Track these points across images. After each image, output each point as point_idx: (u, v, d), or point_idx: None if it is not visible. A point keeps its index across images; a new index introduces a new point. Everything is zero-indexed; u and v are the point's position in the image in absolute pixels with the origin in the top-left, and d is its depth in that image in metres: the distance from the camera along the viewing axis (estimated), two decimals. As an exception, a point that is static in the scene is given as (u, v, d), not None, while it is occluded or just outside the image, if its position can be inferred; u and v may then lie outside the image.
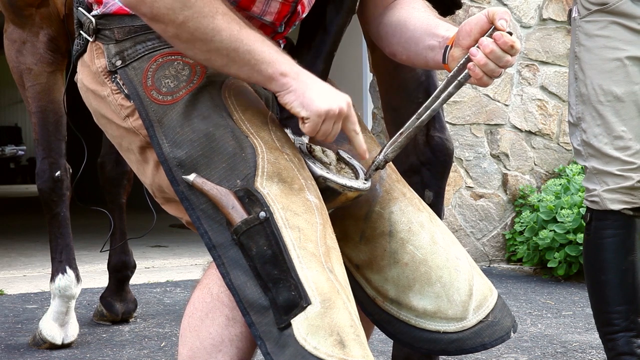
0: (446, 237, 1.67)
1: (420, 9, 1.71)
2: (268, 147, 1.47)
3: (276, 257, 1.39)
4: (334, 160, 1.61)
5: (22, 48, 3.18)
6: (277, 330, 1.37)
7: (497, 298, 1.68)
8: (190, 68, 1.52)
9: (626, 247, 2.45)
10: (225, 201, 1.43)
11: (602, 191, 2.43)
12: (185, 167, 1.46)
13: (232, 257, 1.42)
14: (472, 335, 1.63)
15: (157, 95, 1.51)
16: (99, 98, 1.60)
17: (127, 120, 1.56)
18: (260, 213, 1.41)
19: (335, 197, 1.54)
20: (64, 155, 3.24)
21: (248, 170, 1.44)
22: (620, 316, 2.44)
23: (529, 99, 5.49)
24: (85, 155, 2.50)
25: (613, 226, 2.45)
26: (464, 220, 5.33)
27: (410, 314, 1.63)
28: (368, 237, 1.65)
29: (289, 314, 1.37)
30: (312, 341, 1.35)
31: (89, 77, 1.62)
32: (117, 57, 1.56)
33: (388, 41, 1.73)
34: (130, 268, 3.63)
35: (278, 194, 1.43)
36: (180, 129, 1.48)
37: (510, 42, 1.49)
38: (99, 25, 1.58)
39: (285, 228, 1.41)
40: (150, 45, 1.55)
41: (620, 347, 2.44)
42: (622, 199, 2.42)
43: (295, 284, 1.37)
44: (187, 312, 1.50)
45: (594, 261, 2.50)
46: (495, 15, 1.51)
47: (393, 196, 1.67)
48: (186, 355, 1.49)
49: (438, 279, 1.62)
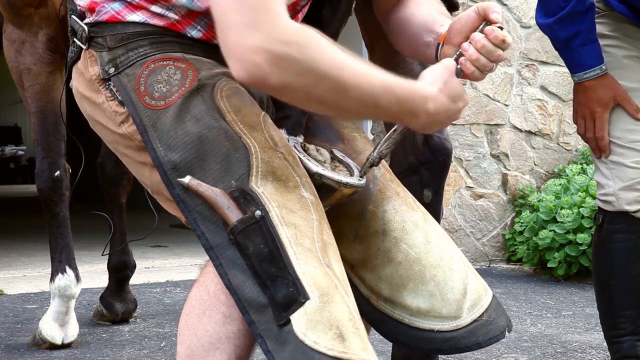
0: (440, 237, 1.67)
1: (425, 4, 1.72)
2: (261, 146, 1.47)
3: (273, 254, 1.40)
4: (328, 158, 1.61)
5: (21, 48, 3.18)
6: (277, 327, 1.38)
7: (492, 298, 1.68)
8: (182, 72, 1.53)
9: (637, 253, 2.39)
10: (221, 202, 1.43)
11: (619, 189, 2.34)
12: (180, 170, 1.46)
13: (230, 257, 1.42)
14: (466, 334, 1.63)
15: (150, 100, 1.52)
16: (93, 105, 1.62)
17: (122, 127, 1.57)
18: (255, 212, 1.41)
19: (331, 193, 1.55)
20: (63, 155, 3.24)
21: (242, 171, 1.45)
22: (627, 320, 2.40)
23: (529, 99, 5.49)
24: (83, 158, 2.50)
25: (625, 230, 2.38)
26: (464, 220, 5.33)
27: (404, 313, 1.63)
28: (362, 236, 1.65)
29: (287, 310, 1.37)
30: (312, 336, 1.35)
31: (83, 84, 1.63)
32: (110, 65, 1.57)
33: (395, 37, 1.77)
34: (130, 268, 3.63)
35: (273, 192, 1.44)
36: (174, 133, 1.48)
37: (502, 36, 1.51)
38: (92, 33, 1.60)
39: (281, 225, 1.41)
40: (142, 51, 1.56)
41: (625, 350, 2.42)
42: (638, 199, 2.33)
43: (293, 280, 1.38)
44: (184, 310, 1.51)
45: (603, 264, 2.44)
46: (487, 10, 1.54)
47: (387, 195, 1.67)
48: (184, 353, 1.49)
49: (432, 278, 1.62)
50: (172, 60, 1.54)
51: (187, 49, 1.56)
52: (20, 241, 6.65)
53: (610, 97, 2.31)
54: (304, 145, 1.61)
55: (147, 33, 1.57)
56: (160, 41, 1.57)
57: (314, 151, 1.61)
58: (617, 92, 2.32)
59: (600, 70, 2.32)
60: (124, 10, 1.58)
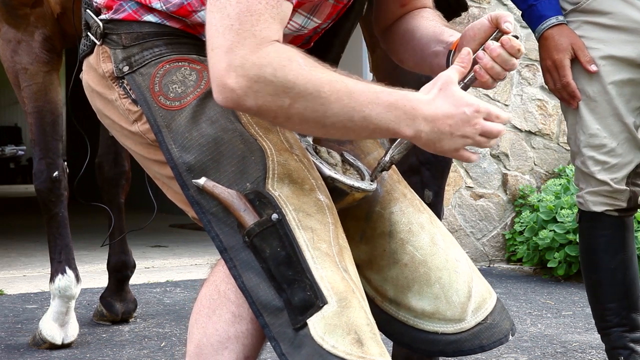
0: (446, 239, 1.67)
1: (429, 18, 1.73)
2: (277, 149, 1.48)
3: (290, 258, 1.41)
4: (339, 161, 1.61)
5: (18, 48, 3.17)
6: (292, 330, 1.39)
7: (496, 301, 1.68)
8: (198, 73, 1.54)
9: (615, 247, 2.47)
10: (237, 204, 1.44)
11: (585, 193, 2.45)
12: (194, 172, 1.47)
13: (244, 259, 1.43)
14: (470, 337, 1.63)
15: (165, 100, 1.53)
16: (105, 100, 1.62)
17: (134, 125, 1.58)
18: (272, 215, 1.42)
19: (343, 197, 1.55)
20: (61, 155, 3.24)
21: (258, 173, 1.45)
22: (613, 312, 2.49)
23: (529, 99, 5.49)
24: (89, 152, 2.50)
25: (601, 227, 2.47)
26: (464, 220, 5.33)
27: (409, 315, 1.63)
28: (368, 237, 1.65)
29: (304, 314, 1.38)
30: (330, 340, 1.36)
31: (95, 79, 1.64)
32: (125, 63, 1.57)
33: (396, 49, 1.76)
34: (130, 268, 3.63)
35: (289, 195, 1.44)
36: (189, 134, 1.49)
37: (517, 45, 1.50)
38: (107, 29, 1.60)
39: (298, 229, 1.42)
40: (158, 51, 1.56)
41: (614, 341, 2.50)
42: (603, 201, 2.43)
43: (311, 284, 1.39)
44: (194, 309, 1.52)
45: (587, 260, 2.55)
46: (500, 18, 1.53)
47: (394, 197, 1.68)
48: (193, 351, 1.50)
49: (437, 280, 1.62)
50: (188, 61, 1.55)
51: (202, 51, 1.55)
52: (20, 241, 6.64)
53: (567, 44, 2.37)
54: (315, 148, 1.61)
55: (162, 33, 1.58)
56: (176, 42, 1.58)
57: (325, 153, 1.61)
58: (574, 41, 2.37)
59: (556, 20, 2.40)
60: (141, 10, 1.58)
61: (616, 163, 2.40)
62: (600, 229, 2.47)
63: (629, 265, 2.49)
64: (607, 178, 2.40)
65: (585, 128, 2.40)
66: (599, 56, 2.36)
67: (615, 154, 2.39)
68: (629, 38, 2.35)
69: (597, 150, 2.40)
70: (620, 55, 2.35)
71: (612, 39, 2.36)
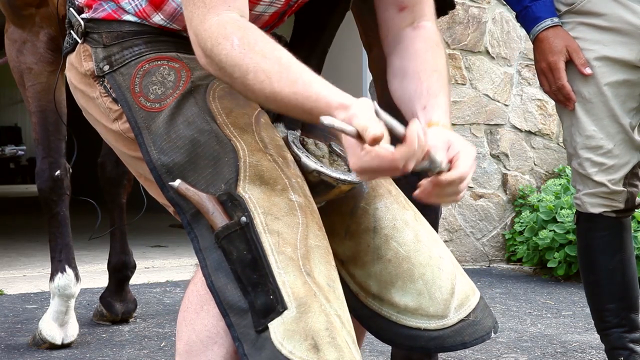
0: (430, 236, 1.67)
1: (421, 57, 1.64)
2: (250, 149, 1.48)
3: (256, 261, 1.41)
4: (326, 153, 1.61)
5: (23, 48, 3.18)
6: (255, 332, 1.40)
7: (479, 298, 1.68)
8: (176, 73, 1.55)
9: (613, 248, 2.48)
10: (207, 206, 1.45)
11: (583, 194, 2.44)
12: (173, 174, 1.48)
13: (215, 259, 1.44)
14: (452, 333, 1.63)
15: (145, 102, 1.54)
16: (87, 98, 1.64)
17: (115, 123, 1.59)
18: (241, 218, 1.43)
19: (329, 190, 1.55)
20: (63, 155, 3.25)
21: (231, 175, 1.46)
22: (611, 313, 2.50)
23: (529, 99, 5.49)
24: (75, 150, 2.50)
25: (599, 228, 2.47)
26: (464, 220, 5.33)
27: (392, 310, 1.63)
28: (353, 232, 1.65)
29: (266, 317, 1.39)
30: (288, 345, 1.37)
31: (77, 77, 1.66)
32: (105, 62, 1.59)
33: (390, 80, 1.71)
34: (130, 268, 3.63)
35: (260, 197, 1.45)
36: (167, 136, 1.50)
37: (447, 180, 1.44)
38: (88, 28, 1.62)
39: (264, 233, 1.43)
40: (137, 50, 1.58)
41: (613, 341, 2.51)
42: (601, 203, 2.43)
43: (273, 288, 1.40)
44: (182, 306, 1.52)
45: (585, 262, 2.55)
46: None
47: (379, 193, 1.68)
48: (182, 349, 1.50)
49: (420, 276, 1.62)
50: (167, 59, 1.56)
51: (181, 48, 1.57)
52: (20, 241, 6.64)
53: (562, 46, 2.36)
54: (302, 140, 1.61)
55: (142, 32, 1.59)
56: (155, 40, 1.59)
57: (313, 145, 1.61)
58: (569, 43, 2.37)
59: (551, 22, 2.39)
60: (120, 10, 1.59)
61: (613, 164, 2.39)
62: (598, 230, 2.47)
63: (627, 266, 2.49)
64: (604, 179, 2.40)
65: (581, 130, 2.40)
66: (594, 57, 2.36)
67: (612, 155, 2.39)
68: (623, 39, 2.34)
69: (593, 152, 2.39)
70: (615, 57, 2.35)
71: (607, 40, 2.35)
